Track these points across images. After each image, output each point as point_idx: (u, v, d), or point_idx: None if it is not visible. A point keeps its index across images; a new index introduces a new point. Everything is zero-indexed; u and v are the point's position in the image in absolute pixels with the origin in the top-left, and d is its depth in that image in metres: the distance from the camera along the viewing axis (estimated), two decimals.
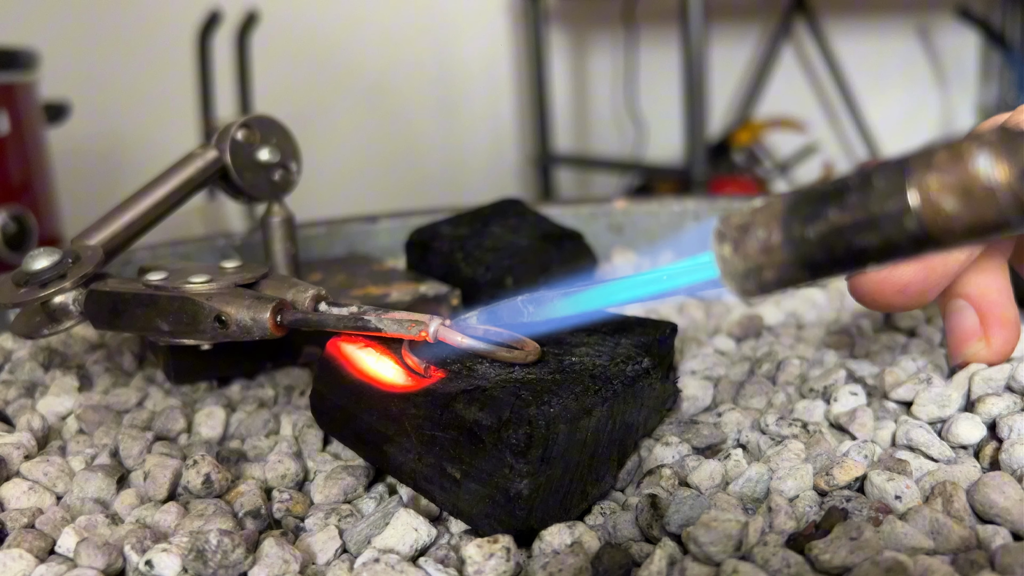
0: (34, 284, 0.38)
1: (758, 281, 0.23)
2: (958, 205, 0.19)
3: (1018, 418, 0.34)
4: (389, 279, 0.52)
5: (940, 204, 0.20)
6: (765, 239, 0.23)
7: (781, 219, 0.23)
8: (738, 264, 0.24)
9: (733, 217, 0.24)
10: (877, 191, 0.21)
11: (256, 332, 0.34)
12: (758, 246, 0.23)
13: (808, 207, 0.22)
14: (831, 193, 0.22)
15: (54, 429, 0.41)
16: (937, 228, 0.20)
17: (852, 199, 0.21)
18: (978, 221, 0.19)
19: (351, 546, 0.30)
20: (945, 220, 0.20)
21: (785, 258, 0.23)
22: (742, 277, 0.24)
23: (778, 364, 0.42)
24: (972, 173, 0.19)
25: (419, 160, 2.03)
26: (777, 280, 0.23)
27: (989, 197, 0.19)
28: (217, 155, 0.45)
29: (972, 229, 0.20)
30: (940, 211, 0.20)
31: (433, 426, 0.29)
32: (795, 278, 0.23)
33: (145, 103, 1.64)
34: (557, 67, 2.16)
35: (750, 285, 0.24)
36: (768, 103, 2.04)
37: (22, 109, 1.00)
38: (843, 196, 0.21)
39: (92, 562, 0.28)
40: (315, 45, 1.82)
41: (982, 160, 0.19)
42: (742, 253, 0.23)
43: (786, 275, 0.23)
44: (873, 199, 0.21)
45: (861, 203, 0.21)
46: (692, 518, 0.28)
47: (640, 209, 0.69)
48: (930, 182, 0.20)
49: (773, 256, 0.23)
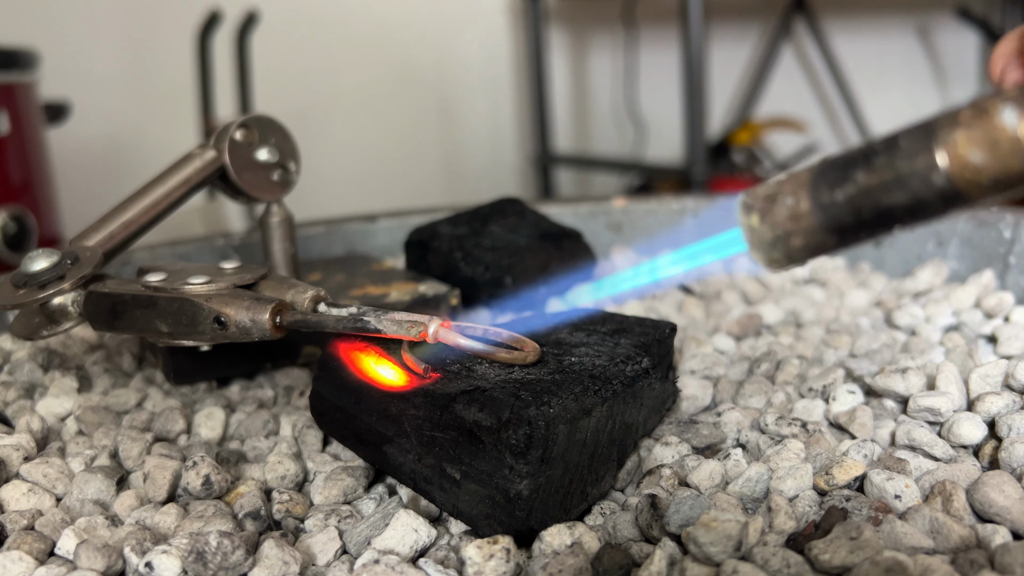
0: (33, 285, 0.38)
1: (786, 249, 0.24)
2: (985, 157, 0.20)
3: (1017, 417, 0.34)
4: (388, 279, 0.52)
5: (967, 158, 0.20)
6: (793, 206, 0.23)
7: (809, 185, 0.23)
8: (766, 233, 0.24)
9: (759, 189, 0.24)
10: (904, 151, 0.21)
11: (255, 333, 0.34)
12: (786, 213, 0.23)
13: (835, 172, 0.23)
14: (858, 157, 0.22)
15: (53, 430, 0.41)
16: (964, 181, 0.20)
17: (879, 160, 0.22)
18: (1005, 172, 0.20)
19: (351, 547, 0.30)
20: (973, 173, 0.20)
21: (813, 223, 0.23)
22: (769, 246, 0.24)
23: (777, 363, 0.42)
24: (998, 125, 0.20)
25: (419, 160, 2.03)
26: (804, 247, 0.24)
27: (1015, 147, 0.20)
28: (216, 155, 0.45)
29: (999, 181, 0.20)
30: (967, 165, 0.20)
31: (433, 427, 0.29)
32: (823, 244, 0.23)
33: (145, 103, 1.64)
34: (557, 67, 2.15)
35: (777, 254, 0.24)
36: (768, 103, 2.04)
37: (22, 109, 1.00)
38: (870, 159, 0.22)
39: (92, 564, 0.28)
40: (315, 46, 1.81)
41: (1007, 113, 0.20)
42: (770, 221, 0.24)
43: (814, 241, 0.23)
44: (900, 159, 0.21)
45: (888, 163, 0.22)
46: (692, 518, 0.28)
47: (639, 208, 0.69)
48: (956, 137, 0.20)
49: (801, 222, 0.23)
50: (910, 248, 0.58)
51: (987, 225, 0.54)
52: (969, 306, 0.48)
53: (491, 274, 0.52)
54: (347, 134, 1.91)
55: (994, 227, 0.53)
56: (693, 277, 0.38)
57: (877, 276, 0.56)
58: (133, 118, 1.64)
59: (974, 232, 0.54)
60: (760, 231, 0.24)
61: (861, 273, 0.58)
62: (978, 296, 0.49)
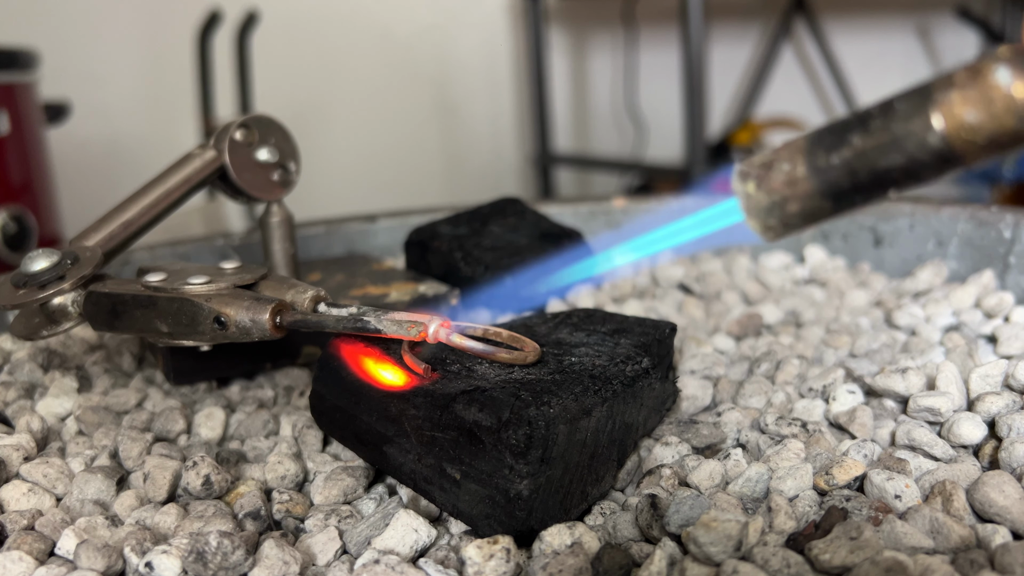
0: (33, 285, 0.38)
1: (782, 215, 0.24)
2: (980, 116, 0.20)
3: (1017, 416, 0.34)
4: (388, 279, 0.52)
5: (962, 117, 0.21)
6: (789, 171, 0.23)
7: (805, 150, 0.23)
8: (762, 199, 0.24)
9: (755, 157, 0.25)
10: (899, 113, 0.22)
11: (255, 333, 0.34)
12: (782, 179, 0.24)
13: (831, 136, 0.23)
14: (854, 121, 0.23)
15: (53, 430, 0.41)
16: (960, 141, 0.21)
17: (875, 123, 0.22)
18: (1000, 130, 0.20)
19: (351, 547, 0.30)
20: (968, 132, 0.21)
21: (809, 188, 0.23)
22: (766, 212, 0.24)
23: (777, 363, 0.42)
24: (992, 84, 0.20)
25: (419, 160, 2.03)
26: (800, 212, 0.24)
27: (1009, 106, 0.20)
28: (216, 155, 0.45)
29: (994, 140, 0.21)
30: (962, 124, 0.21)
31: (433, 427, 0.29)
32: (819, 208, 0.23)
33: (145, 103, 1.64)
34: (557, 67, 2.15)
35: (773, 220, 0.24)
36: (768, 103, 2.04)
37: (22, 109, 1.00)
38: (866, 122, 0.22)
39: (92, 564, 0.28)
40: (315, 45, 1.82)
41: (1001, 72, 0.20)
42: (766, 187, 0.24)
43: (810, 206, 0.23)
44: (896, 121, 0.22)
45: (884, 126, 0.22)
46: (692, 518, 0.28)
47: (639, 207, 0.69)
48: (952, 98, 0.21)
49: (798, 187, 0.23)
50: (910, 248, 0.58)
51: (987, 225, 0.54)
52: (969, 306, 0.48)
53: (491, 274, 0.52)
54: (347, 134, 1.91)
55: (994, 227, 0.53)
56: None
57: (877, 276, 0.56)
58: (133, 118, 1.64)
59: (974, 232, 0.54)
60: (756, 198, 0.24)
61: (861, 273, 0.58)
62: (978, 296, 0.49)
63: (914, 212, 0.58)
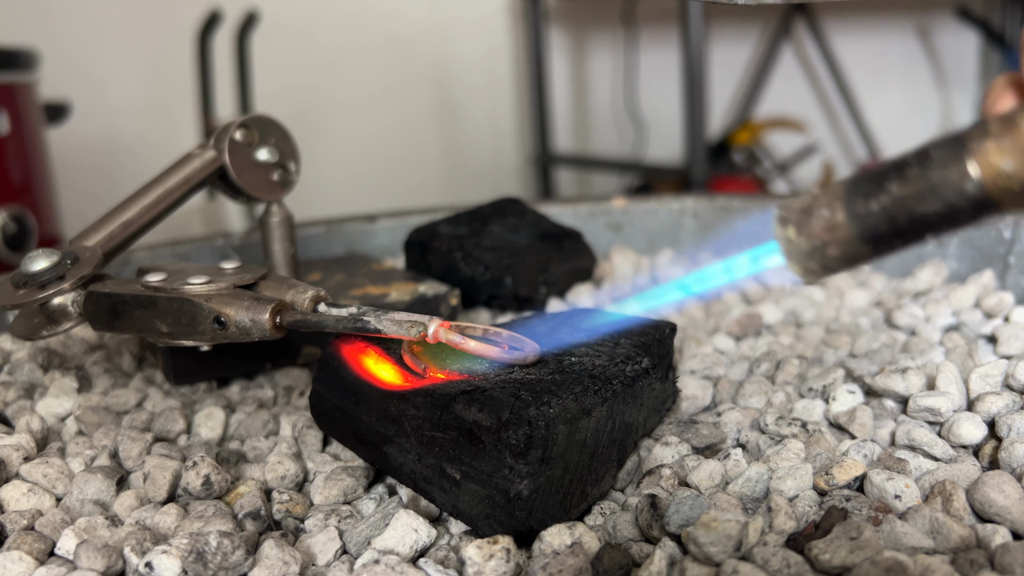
0: (33, 285, 0.38)
1: (822, 259, 0.25)
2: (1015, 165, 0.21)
3: (1017, 416, 0.34)
4: (388, 279, 0.52)
5: (999, 166, 0.21)
6: (829, 217, 0.24)
7: (844, 197, 0.24)
8: (803, 244, 0.25)
9: (793, 203, 0.26)
10: (936, 162, 0.23)
11: (255, 333, 0.34)
12: (822, 224, 0.24)
13: (869, 184, 0.24)
14: (890, 170, 0.24)
15: (53, 430, 0.41)
16: (997, 188, 0.22)
17: (912, 172, 0.23)
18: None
19: (351, 547, 0.30)
20: (1004, 180, 0.22)
21: (849, 233, 0.24)
22: (806, 256, 0.25)
23: (777, 363, 0.42)
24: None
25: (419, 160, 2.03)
26: (840, 256, 0.25)
27: None
28: (215, 155, 0.45)
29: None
30: (999, 173, 0.21)
31: (433, 427, 0.29)
32: (858, 253, 0.24)
33: (145, 103, 1.64)
34: (557, 67, 2.15)
35: (814, 264, 0.25)
36: (768, 103, 2.04)
37: (22, 109, 1.00)
38: (903, 171, 0.23)
39: (92, 564, 0.28)
40: (315, 45, 1.81)
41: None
42: (806, 233, 0.25)
43: (850, 251, 0.24)
44: (933, 169, 0.23)
45: (921, 174, 0.23)
46: (692, 518, 0.28)
47: (639, 207, 0.69)
48: (987, 147, 0.22)
49: (837, 233, 0.24)
50: (910, 248, 0.58)
51: (987, 225, 0.54)
52: (969, 306, 0.48)
53: (491, 274, 0.52)
54: (347, 134, 1.91)
55: (994, 227, 0.53)
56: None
57: (877, 276, 0.56)
58: (133, 118, 1.64)
59: (974, 232, 0.54)
60: (797, 242, 0.25)
61: (861, 273, 0.58)
62: (978, 296, 0.49)
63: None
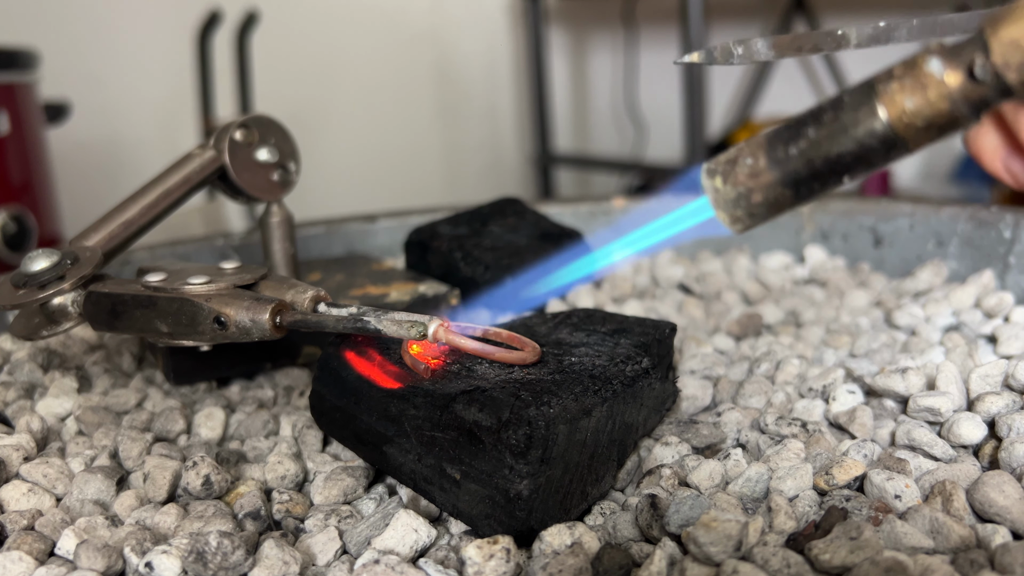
0: (33, 286, 0.38)
1: (747, 206, 0.26)
2: (917, 102, 0.23)
3: (1017, 416, 0.34)
4: (388, 279, 0.52)
5: (902, 104, 0.23)
6: (752, 164, 0.26)
7: (765, 145, 0.26)
8: (728, 192, 0.27)
9: (720, 155, 0.27)
10: (848, 104, 0.25)
11: (255, 333, 0.34)
12: (746, 172, 0.26)
13: (788, 131, 0.26)
14: (807, 116, 0.26)
15: (53, 430, 0.41)
16: (902, 126, 0.24)
17: (827, 116, 0.25)
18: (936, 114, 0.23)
19: (351, 547, 0.30)
20: (909, 117, 0.24)
21: (771, 179, 0.26)
22: (732, 204, 0.27)
23: (777, 363, 0.42)
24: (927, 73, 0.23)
25: (419, 160, 2.03)
26: (764, 201, 0.26)
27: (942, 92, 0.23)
28: (215, 155, 0.45)
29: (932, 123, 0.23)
30: (903, 110, 0.23)
31: (433, 427, 0.29)
32: (780, 197, 0.26)
33: (145, 103, 1.64)
34: (557, 67, 2.15)
35: (740, 211, 0.27)
36: (768, 103, 2.04)
37: (22, 109, 1.00)
38: (819, 116, 0.25)
39: (92, 564, 0.28)
40: (315, 45, 1.81)
41: (933, 63, 0.23)
42: (732, 181, 0.27)
43: (772, 195, 0.26)
44: (845, 111, 0.25)
45: (835, 117, 0.25)
46: (692, 518, 0.28)
47: (639, 207, 0.69)
48: (892, 87, 0.24)
49: (760, 179, 0.26)
50: (910, 248, 0.58)
51: (987, 225, 0.54)
52: (969, 306, 0.48)
53: (491, 274, 0.52)
54: (347, 134, 1.91)
55: (994, 227, 0.53)
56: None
57: (877, 276, 0.56)
58: (133, 118, 1.64)
59: (974, 232, 0.54)
60: (723, 191, 0.27)
61: (861, 273, 0.58)
62: (978, 296, 0.49)
63: (914, 212, 0.58)
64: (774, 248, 0.64)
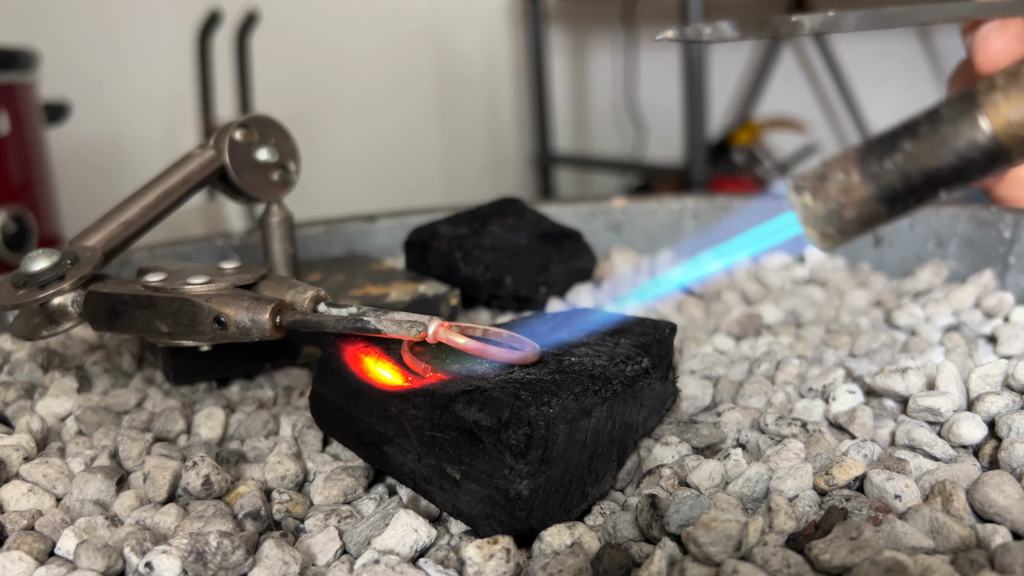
0: (33, 286, 0.38)
1: (839, 222, 0.26)
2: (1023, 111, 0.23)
3: (1017, 416, 0.34)
4: (388, 279, 0.52)
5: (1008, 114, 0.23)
6: (844, 180, 0.25)
7: (857, 160, 0.25)
8: (819, 208, 0.26)
9: (808, 171, 0.27)
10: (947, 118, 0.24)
11: (255, 333, 0.34)
12: (838, 187, 0.26)
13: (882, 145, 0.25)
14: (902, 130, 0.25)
15: (53, 430, 0.41)
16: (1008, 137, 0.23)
17: (924, 129, 0.24)
18: None
19: (351, 547, 0.30)
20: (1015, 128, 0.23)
21: (865, 194, 0.25)
22: (823, 221, 0.26)
23: (777, 363, 0.42)
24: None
25: (419, 160, 2.03)
26: (857, 218, 0.26)
27: None
28: (215, 155, 0.45)
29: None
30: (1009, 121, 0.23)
31: (433, 427, 0.29)
32: (874, 214, 0.25)
33: (145, 103, 1.64)
34: (557, 67, 2.15)
35: (831, 228, 0.26)
36: (768, 103, 2.04)
37: (22, 109, 1.00)
38: (914, 129, 0.25)
39: (92, 564, 0.28)
40: (315, 45, 1.82)
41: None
42: (822, 197, 0.26)
43: (866, 211, 0.25)
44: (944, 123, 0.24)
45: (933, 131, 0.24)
46: (692, 518, 0.28)
47: (639, 208, 0.69)
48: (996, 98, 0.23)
49: (853, 194, 0.25)
50: (910, 248, 0.58)
51: (987, 225, 0.54)
52: (969, 306, 0.48)
53: (491, 274, 0.52)
54: (347, 134, 1.91)
55: (994, 227, 0.53)
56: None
57: (877, 276, 0.56)
58: (133, 118, 1.64)
59: (974, 232, 0.54)
60: (813, 208, 0.26)
61: (861, 273, 0.58)
62: (978, 296, 0.49)
63: (914, 212, 0.58)
64: (774, 248, 0.64)
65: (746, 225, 0.30)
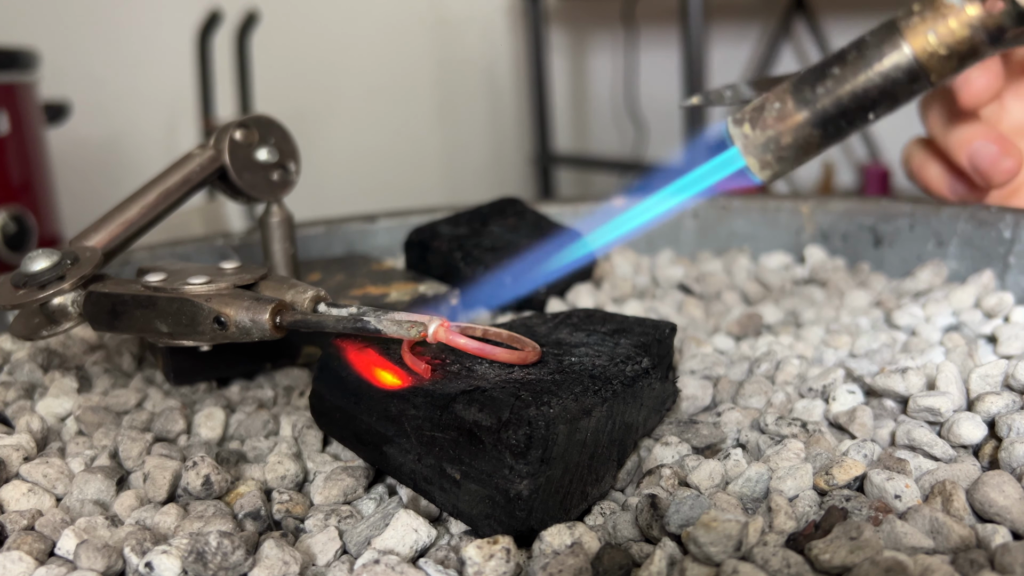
0: (33, 286, 0.38)
1: (777, 148, 0.27)
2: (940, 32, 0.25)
3: (1017, 416, 0.34)
4: (388, 279, 0.52)
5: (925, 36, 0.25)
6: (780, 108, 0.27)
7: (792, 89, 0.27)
8: (758, 137, 0.28)
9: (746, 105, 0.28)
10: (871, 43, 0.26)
11: (255, 333, 0.34)
12: (774, 115, 0.27)
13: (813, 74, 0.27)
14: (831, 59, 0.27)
15: (53, 430, 0.41)
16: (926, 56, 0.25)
17: (851, 56, 0.26)
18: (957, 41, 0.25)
19: (351, 547, 0.30)
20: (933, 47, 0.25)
21: (800, 119, 0.27)
22: (762, 148, 0.28)
23: (777, 363, 0.42)
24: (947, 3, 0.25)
25: (419, 160, 2.03)
26: (793, 143, 0.27)
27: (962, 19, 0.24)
28: (215, 155, 0.45)
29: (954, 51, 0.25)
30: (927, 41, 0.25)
31: (433, 427, 0.29)
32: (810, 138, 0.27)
33: (145, 103, 1.64)
34: (557, 67, 2.15)
35: (769, 155, 0.28)
36: None
37: (22, 109, 1.00)
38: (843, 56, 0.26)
39: (92, 564, 0.28)
40: (315, 45, 1.82)
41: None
42: (760, 126, 0.28)
43: (801, 136, 0.27)
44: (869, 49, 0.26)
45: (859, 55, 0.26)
46: (692, 518, 0.28)
47: None
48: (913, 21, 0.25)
49: (788, 120, 0.27)
50: (910, 248, 0.58)
51: (987, 225, 0.54)
52: (969, 306, 0.48)
53: (491, 274, 0.52)
54: (347, 134, 1.91)
55: (994, 227, 0.53)
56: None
57: (877, 276, 0.56)
58: (133, 118, 1.64)
59: (974, 232, 0.54)
60: (752, 136, 0.28)
61: (861, 273, 0.58)
62: (978, 296, 0.49)
63: (914, 212, 0.58)
64: (774, 248, 0.64)
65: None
